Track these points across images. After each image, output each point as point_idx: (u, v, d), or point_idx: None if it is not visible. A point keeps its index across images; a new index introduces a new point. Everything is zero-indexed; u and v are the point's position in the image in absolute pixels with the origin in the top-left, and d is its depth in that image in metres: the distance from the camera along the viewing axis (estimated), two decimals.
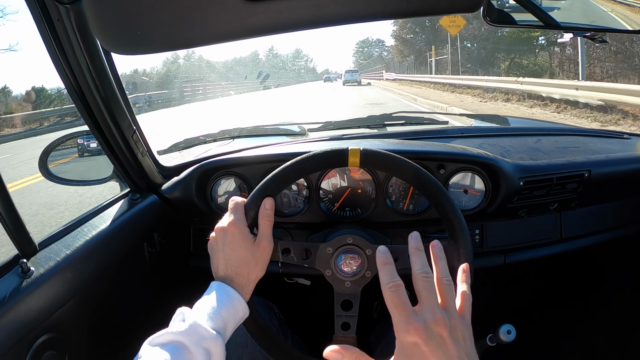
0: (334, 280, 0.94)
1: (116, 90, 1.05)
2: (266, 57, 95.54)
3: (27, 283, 0.85)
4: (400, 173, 0.94)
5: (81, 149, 1.46)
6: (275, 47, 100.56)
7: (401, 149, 1.31)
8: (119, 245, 1.16)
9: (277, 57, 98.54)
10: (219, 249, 0.85)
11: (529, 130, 1.84)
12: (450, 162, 1.32)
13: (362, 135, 1.75)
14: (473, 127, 2.03)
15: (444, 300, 0.62)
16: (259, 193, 0.89)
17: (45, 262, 0.92)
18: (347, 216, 1.35)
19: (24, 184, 6.78)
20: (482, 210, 1.36)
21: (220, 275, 0.83)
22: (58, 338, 0.90)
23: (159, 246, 1.32)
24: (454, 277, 0.88)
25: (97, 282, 1.05)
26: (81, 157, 1.47)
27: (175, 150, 1.73)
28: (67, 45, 0.90)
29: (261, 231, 0.87)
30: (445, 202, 0.90)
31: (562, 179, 1.37)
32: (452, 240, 0.89)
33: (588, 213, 1.54)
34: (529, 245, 1.50)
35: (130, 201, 1.28)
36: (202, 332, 0.71)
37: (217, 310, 0.76)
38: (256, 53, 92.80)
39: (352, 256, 0.94)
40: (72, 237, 1.04)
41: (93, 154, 1.45)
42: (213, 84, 34.48)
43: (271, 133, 1.94)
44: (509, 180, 1.31)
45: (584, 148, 1.61)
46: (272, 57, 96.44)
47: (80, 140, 1.46)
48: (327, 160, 0.92)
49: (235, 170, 1.38)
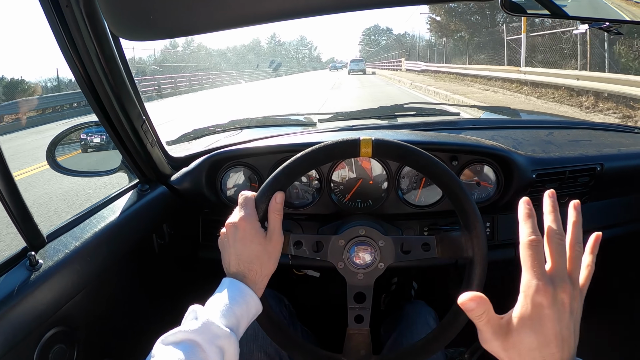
0: (346, 273, 0.94)
1: (126, 79, 1.03)
2: (268, 44, 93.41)
3: (35, 276, 0.85)
4: (413, 163, 0.92)
5: (84, 145, 1.44)
6: (278, 34, 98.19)
7: (414, 140, 1.30)
8: (128, 237, 1.15)
9: (280, 45, 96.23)
10: (230, 245, 0.83)
11: (540, 123, 1.83)
12: (463, 154, 1.31)
13: (373, 126, 1.73)
14: (484, 119, 2.01)
15: (571, 267, 0.60)
16: (269, 186, 0.87)
17: (53, 254, 0.91)
18: (358, 207, 1.34)
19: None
20: (493, 202, 1.35)
21: (232, 272, 0.82)
22: (67, 331, 0.89)
23: (168, 238, 1.31)
24: (470, 267, 0.87)
25: (106, 274, 1.04)
26: (84, 153, 1.45)
27: (184, 140, 1.72)
28: (75, 33, 0.88)
29: (272, 225, 0.86)
30: (459, 192, 0.88)
31: (575, 172, 1.36)
32: (466, 230, 0.88)
33: (598, 207, 1.52)
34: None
35: (139, 192, 1.27)
36: (215, 330, 0.70)
37: (230, 307, 0.75)
38: (257, 40, 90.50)
39: (364, 248, 0.93)
40: (80, 228, 1.03)
41: (96, 149, 1.44)
42: (220, 73, 34.50)
43: (281, 123, 1.93)
44: (522, 173, 1.29)
45: (596, 141, 1.60)
46: (275, 45, 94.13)
47: (84, 135, 1.43)
48: (339, 150, 0.90)
49: (245, 160, 1.37)
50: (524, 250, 0.58)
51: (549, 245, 0.59)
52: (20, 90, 17.03)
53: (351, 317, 0.94)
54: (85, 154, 1.45)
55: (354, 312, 0.94)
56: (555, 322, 0.56)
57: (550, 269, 0.58)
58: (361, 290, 0.94)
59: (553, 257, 0.59)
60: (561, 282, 0.57)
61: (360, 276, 0.93)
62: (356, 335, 0.94)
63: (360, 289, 0.94)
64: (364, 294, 0.94)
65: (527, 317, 0.57)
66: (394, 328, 1.27)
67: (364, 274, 0.93)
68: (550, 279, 0.57)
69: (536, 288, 0.56)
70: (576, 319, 0.58)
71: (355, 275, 0.93)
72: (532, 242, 0.58)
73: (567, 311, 0.57)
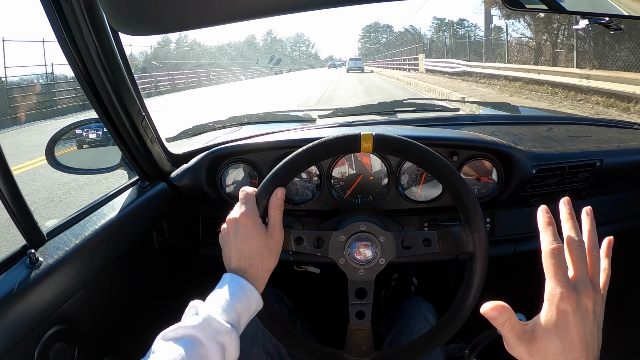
0: (347, 269, 0.93)
1: (125, 75, 1.03)
2: (264, 41, 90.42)
3: (35, 274, 0.84)
4: (414, 158, 0.92)
5: (79, 141, 1.44)
6: (275, 31, 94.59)
7: (414, 135, 1.30)
8: (129, 234, 1.15)
9: (277, 41, 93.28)
10: (231, 241, 0.83)
11: (540, 119, 1.83)
12: (464, 149, 1.31)
13: (373, 121, 1.73)
14: (484, 115, 2.01)
15: (592, 272, 0.61)
16: (269, 182, 0.87)
17: (53, 252, 0.91)
18: (358, 203, 1.34)
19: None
20: (494, 198, 1.35)
21: (233, 267, 0.82)
22: (68, 329, 0.89)
23: (168, 234, 1.31)
24: (471, 262, 0.87)
25: (106, 272, 1.04)
26: (80, 149, 1.44)
27: (184, 137, 1.71)
28: (74, 27, 0.88)
29: (272, 221, 0.86)
30: (460, 187, 0.88)
31: (574, 168, 1.36)
32: (467, 225, 0.88)
33: (598, 203, 1.52)
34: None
35: (139, 189, 1.27)
36: (216, 325, 0.70)
37: (231, 303, 0.75)
38: (253, 37, 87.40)
39: (365, 243, 0.93)
40: (80, 226, 1.03)
41: (92, 145, 1.43)
42: (217, 70, 34.40)
43: (280, 120, 1.93)
44: (522, 168, 1.30)
45: (596, 137, 1.60)
46: (272, 42, 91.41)
47: (79, 131, 1.42)
48: (339, 146, 0.90)
49: (245, 157, 1.36)
50: (547, 259, 0.59)
51: (570, 253, 0.61)
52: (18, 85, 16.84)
53: (352, 313, 0.94)
54: (81, 150, 1.44)
55: (355, 308, 0.94)
56: (580, 327, 0.57)
57: (573, 276, 0.59)
58: (362, 286, 0.94)
59: (575, 264, 0.60)
60: (584, 288, 0.58)
61: (362, 272, 0.93)
62: (357, 331, 0.93)
63: (362, 284, 0.94)
64: (365, 290, 0.94)
65: (552, 323, 0.58)
66: (393, 324, 1.27)
67: (365, 270, 0.93)
68: (574, 285, 0.58)
69: (560, 296, 0.57)
70: (599, 323, 0.60)
71: (357, 271, 0.93)
72: (554, 251, 0.59)
73: (591, 316, 0.58)
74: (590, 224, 0.64)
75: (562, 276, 0.58)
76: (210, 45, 34.99)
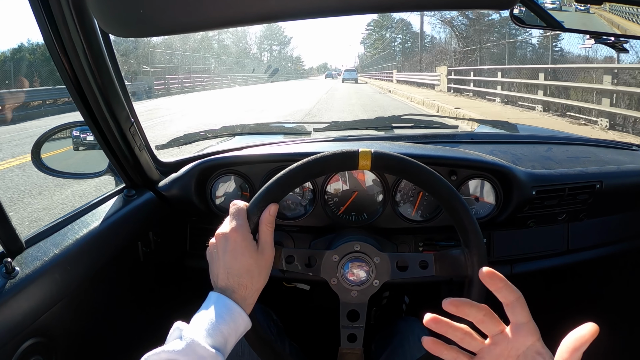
0: (339, 290, 0.90)
1: (114, 79, 0.99)
2: (258, 47, 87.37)
3: (11, 284, 0.80)
4: (413, 177, 0.89)
5: (76, 142, 1.39)
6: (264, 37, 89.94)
7: (413, 153, 1.27)
8: (112, 245, 1.11)
9: (265, 49, 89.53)
10: (219, 257, 0.79)
11: (539, 138, 1.82)
12: (464, 168, 1.29)
13: (369, 136, 1.71)
14: (483, 133, 2.00)
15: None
16: (262, 197, 0.83)
17: (32, 261, 0.87)
18: (352, 221, 1.30)
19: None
20: (491, 219, 1.33)
21: (221, 286, 0.78)
22: (45, 343, 0.85)
23: (154, 245, 1.27)
24: (469, 286, 0.84)
25: (87, 284, 0.99)
26: (76, 151, 1.40)
27: (174, 145, 1.68)
28: (61, 26, 0.84)
29: (263, 238, 0.82)
30: (461, 210, 0.85)
31: (574, 190, 1.35)
32: (466, 248, 0.85)
33: (595, 225, 1.52)
34: (536, 255, 1.47)
35: (125, 197, 1.23)
36: (200, 351, 0.66)
37: (217, 325, 0.71)
38: (247, 46, 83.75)
39: (359, 264, 0.90)
40: (61, 234, 0.99)
41: (89, 147, 1.39)
42: (211, 76, 34.57)
43: (275, 131, 1.91)
44: (522, 189, 1.28)
45: (595, 159, 1.60)
46: (259, 50, 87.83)
47: (76, 132, 1.38)
48: (336, 163, 0.87)
49: (237, 168, 1.33)
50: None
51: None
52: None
53: (344, 335, 0.91)
54: (72, 154, 1.40)
55: (346, 331, 0.91)
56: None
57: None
58: (355, 308, 0.91)
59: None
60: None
61: (354, 293, 0.90)
62: (349, 355, 0.91)
63: (354, 306, 0.91)
64: (357, 312, 0.91)
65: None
66: (387, 345, 1.23)
67: (358, 291, 0.90)
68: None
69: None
70: None
71: (349, 292, 0.90)
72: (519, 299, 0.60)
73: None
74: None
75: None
76: (194, 51, 34.58)
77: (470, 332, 0.62)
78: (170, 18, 0.56)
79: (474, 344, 0.62)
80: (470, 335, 0.61)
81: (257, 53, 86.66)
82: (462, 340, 0.61)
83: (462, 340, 0.61)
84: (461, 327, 0.62)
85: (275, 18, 0.59)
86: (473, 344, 0.61)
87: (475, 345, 0.62)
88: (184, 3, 0.55)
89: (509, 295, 0.60)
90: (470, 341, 0.61)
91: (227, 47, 46.69)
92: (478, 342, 0.61)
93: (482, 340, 0.62)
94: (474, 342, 0.61)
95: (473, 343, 0.61)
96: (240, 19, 0.58)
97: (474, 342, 0.61)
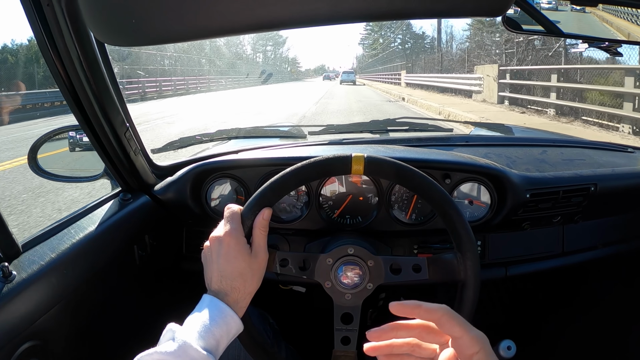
0: (333, 293, 0.91)
1: (109, 84, 1.00)
2: (252, 48, 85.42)
3: (8, 288, 0.81)
4: (406, 182, 0.90)
5: (73, 143, 1.40)
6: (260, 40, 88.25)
7: (406, 157, 1.27)
8: (108, 248, 1.11)
9: (263, 52, 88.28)
10: (213, 260, 0.80)
11: (534, 141, 1.82)
12: (457, 172, 1.29)
13: (364, 140, 1.71)
14: (478, 136, 2.00)
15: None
16: (256, 201, 0.84)
17: (28, 265, 0.87)
18: (347, 224, 1.31)
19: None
20: (486, 222, 1.33)
21: (214, 289, 0.78)
22: (41, 346, 0.85)
23: (150, 249, 1.27)
24: (462, 289, 0.85)
25: (84, 288, 1.00)
26: (72, 152, 1.41)
27: (170, 149, 1.68)
28: (57, 34, 0.84)
29: (257, 242, 0.83)
30: (453, 214, 0.86)
31: (568, 193, 1.35)
32: (459, 252, 0.86)
33: (590, 227, 1.52)
34: (530, 258, 1.47)
35: (121, 201, 1.23)
36: (192, 353, 0.67)
37: (209, 327, 0.72)
38: (240, 48, 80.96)
39: (353, 268, 0.91)
40: (57, 239, 0.99)
41: (85, 149, 1.39)
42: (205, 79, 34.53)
43: (270, 135, 1.91)
44: (516, 193, 1.28)
45: (590, 161, 1.60)
46: (256, 52, 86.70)
47: (72, 133, 1.39)
48: (329, 167, 0.88)
49: (232, 172, 1.33)
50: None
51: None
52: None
53: (337, 338, 0.91)
54: (69, 158, 1.41)
55: (340, 334, 0.91)
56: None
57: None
58: (348, 311, 0.91)
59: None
60: None
61: (348, 296, 0.90)
62: (342, 358, 0.91)
63: (348, 309, 0.91)
64: (351, 315, 0.91)
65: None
66: None
67: (351, 295, 0.90)
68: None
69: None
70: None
71: (343, 295, 0.90)
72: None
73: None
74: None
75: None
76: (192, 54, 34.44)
77: (418, 343, 0.61)
78: (164, 27, 0.57)
79: (427, 353, 0.61)
80: (418, 346, 0.61)
81: (251, 54, 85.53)
82: (413, 352, 0.61)
83: (413, 352, 0.61)
84: (406, 342, 0.61)
85: (267, 27, 0.59)
86: (425, 353, 0.61)
87: (429, 354, 0.61)
88: (177, 13, 0.55)
89: (432, 315, 0.60)
90: (421, 351, 0.61)
91: (220, 49, 46.35)
92: (430, 350, 0.61)
93: (433, 349, 0.61)
94: (425, 351, 0.61)
95: (424, 353, 0.61)
96: (233, 28, 0.59)
97: (425, 352, 0.61)
